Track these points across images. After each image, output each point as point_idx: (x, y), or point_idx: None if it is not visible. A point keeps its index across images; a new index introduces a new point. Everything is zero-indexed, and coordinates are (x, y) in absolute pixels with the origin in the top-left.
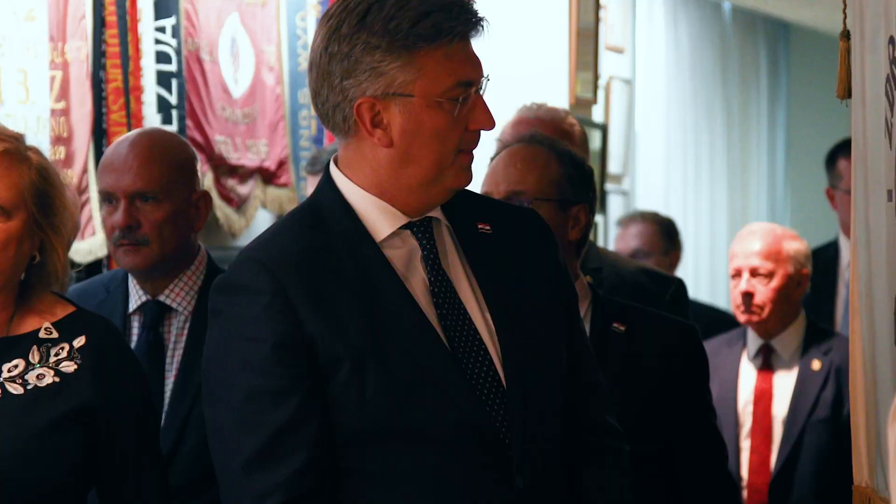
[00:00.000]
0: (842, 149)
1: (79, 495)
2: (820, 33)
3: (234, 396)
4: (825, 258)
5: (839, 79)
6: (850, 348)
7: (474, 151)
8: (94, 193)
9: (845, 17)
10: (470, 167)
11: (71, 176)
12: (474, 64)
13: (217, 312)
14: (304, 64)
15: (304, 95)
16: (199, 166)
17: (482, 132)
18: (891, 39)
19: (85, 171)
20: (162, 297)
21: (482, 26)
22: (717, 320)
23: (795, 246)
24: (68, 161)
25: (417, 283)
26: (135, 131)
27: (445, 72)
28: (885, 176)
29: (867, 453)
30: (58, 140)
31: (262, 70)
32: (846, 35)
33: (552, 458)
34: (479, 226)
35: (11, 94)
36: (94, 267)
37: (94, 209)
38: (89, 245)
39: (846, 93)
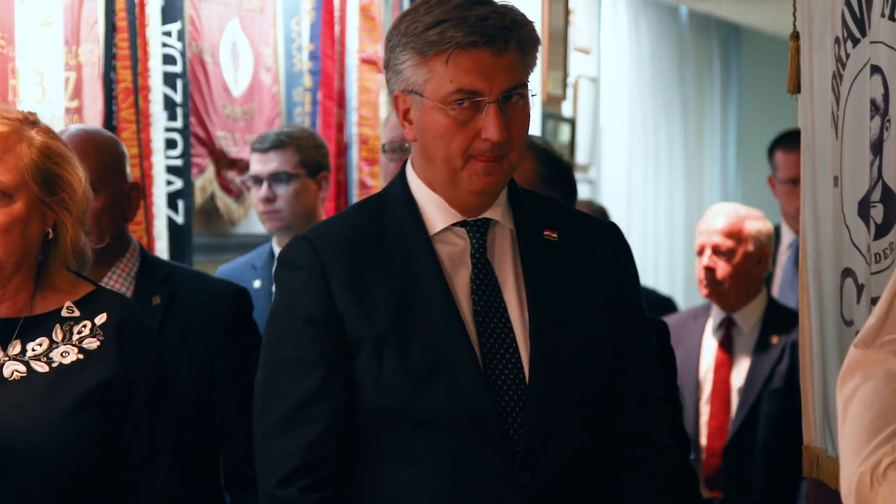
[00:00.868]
0: (778, 142)
1: (103, 475)
2: (768, 35)
3: (269, 364)
4: None
5: (789, 75)
6: (799, 320)
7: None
8: None
9: (795, 20)
10: (488, 173)
11: None
12: (485, 75)
13: (275, 283)
14: (298, 65)
15: (299, 94)
16: (128, 161)
17: (515, 138)
18: (836, 40)
19: None
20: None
21: (499, 40)
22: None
23: (757, 226)
24: None
25: (461, 278)
26: (69, 128)
27: (448, 78)
28: (832, 163)
29: (815, 417)
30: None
31: (260, 71)
32: (796, 36)
33: (571, 461)
34: (546, 232)
35: (29, 94)
36: None
37: None
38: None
39: (796, 88)
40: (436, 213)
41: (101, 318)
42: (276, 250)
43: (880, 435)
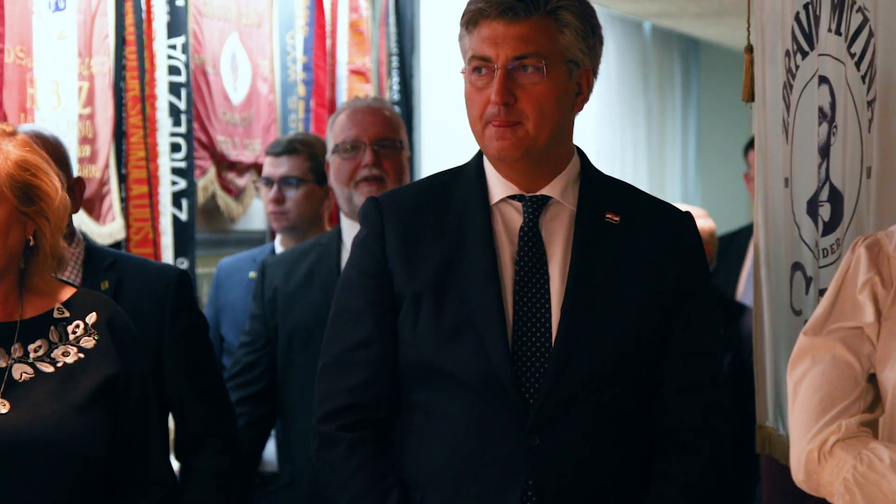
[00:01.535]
0: (752, 142)
1: (110, 465)
2: (724, 49)
3: (333, 310)
4: (743, 238)
5: (744, 85)
6: (753, 310)
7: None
8: (113, 185)
9: (749, 34)
10: (499, 138)
11: (94, 171)
12: (494, 43)
13: None
14: (293, 76)
15: (293, 102)
16: (70, 159)
17: (528, 108)
18: (787, 52)
19: (107, 166)
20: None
21: (503, 9)
22: None
23: (699, 223)
24: (93, 158)
25: (511, 248)
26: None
27: (471, 47)
28: (783, 166)
29: (768, 399)
30: (84, 140)
31: (258, 81)
32: (750, 49)
33: (585, 434)
34: (608, 215)
35: (46, 102)
36: (114, 248)
37: (113, 198)
38: (109, 229)
39: (750, 97)
40: (496, 184)
41: (91, 318)
42: (279, 249)
43: (827, 415)
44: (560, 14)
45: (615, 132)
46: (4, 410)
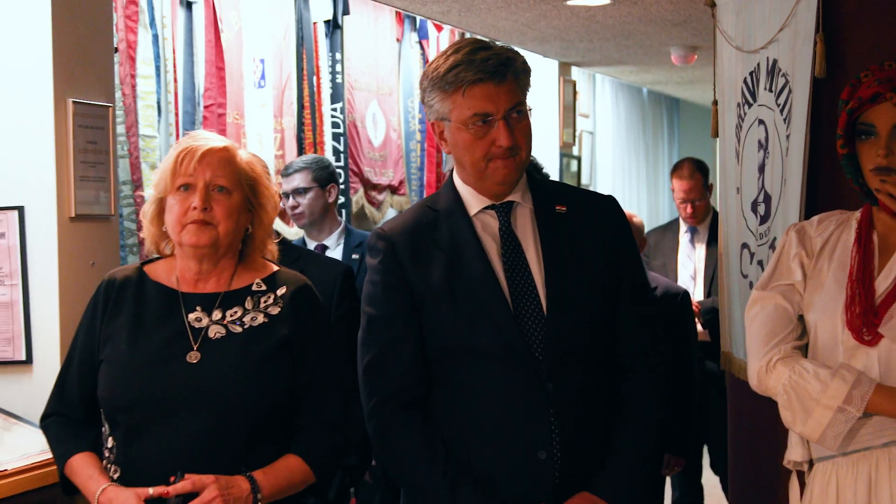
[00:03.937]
0: (672, 171)
1: (286, 413)
2: (697, 105)
3: (363, 322)
4: (673, 228)
5: (712, 126)
6: (718, 275)
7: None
8: None
9: (714, 92)
10: (504, 167)
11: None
12: (493, 100)
13: (367, 264)
14: (412, 127)
15: (413, 144)
16: (272, 175)
17: (522, 141)
18: (738, 104)
19: None
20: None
21: (498, 74)
22: None
23: (632, 221)
24: None
25: (495, 246)
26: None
27: (466, 106)
28: (735, 179)
29: (728, 332)
30: (278, 173)
31: (390, 131)
32: (715, 102)
33: (584, 374)
34: (557, 207)
35: (253, 147)
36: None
37: None
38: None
39: (716, 133)
40: (472, 200)
41: (281, 290)
42: (308, 240)
43: (771, 342)
44: (519, 73)
45: (625, 164)
46: (196, 361)
